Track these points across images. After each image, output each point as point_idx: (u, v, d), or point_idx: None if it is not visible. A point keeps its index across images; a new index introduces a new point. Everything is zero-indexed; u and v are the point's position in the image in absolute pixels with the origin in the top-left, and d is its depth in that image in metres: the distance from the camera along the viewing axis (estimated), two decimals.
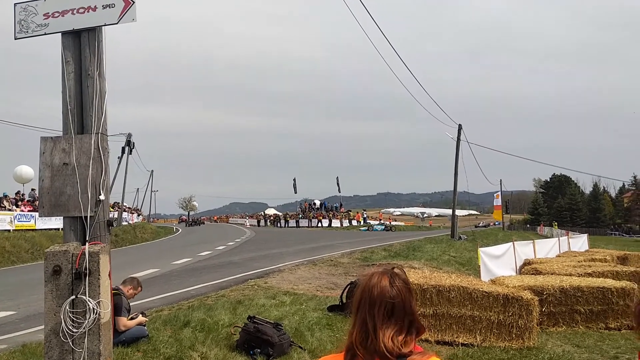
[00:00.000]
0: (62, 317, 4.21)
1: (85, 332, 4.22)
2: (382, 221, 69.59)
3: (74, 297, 4.25)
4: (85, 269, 4.25)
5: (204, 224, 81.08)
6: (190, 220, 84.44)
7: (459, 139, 37.43)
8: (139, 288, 7.06)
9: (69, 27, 4.66)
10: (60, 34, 4.70)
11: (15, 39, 4.78)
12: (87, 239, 4.45)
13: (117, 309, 6.23)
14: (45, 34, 4.73)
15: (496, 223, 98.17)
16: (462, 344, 8.59)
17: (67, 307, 4.23)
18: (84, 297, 4.24)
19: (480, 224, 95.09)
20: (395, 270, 1.95)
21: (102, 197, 4.54)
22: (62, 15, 4.66)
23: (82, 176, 4.51)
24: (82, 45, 4.70)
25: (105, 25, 4.65)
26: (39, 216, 6.82)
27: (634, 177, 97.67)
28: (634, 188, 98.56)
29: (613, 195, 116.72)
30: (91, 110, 4.61)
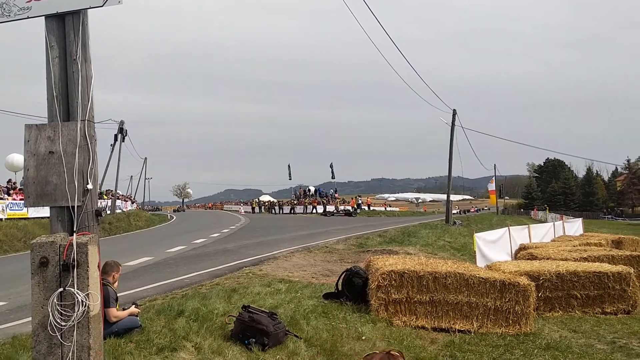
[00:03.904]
0: (50, 310, 4.08)
1: (74, 325, 4.10)
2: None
3: (62, 289, 4.12)
4: (73, 260, 4.12)
5: (159, 210, 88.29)
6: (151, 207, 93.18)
7: (453, 124, 37.31)
8: (119, 267, 6.86)
9: (53, 11, 4.47)
10: (43, 17, 4.52)
11: None
12: (74, 229, 4.31)
13: (106, 301, 6.10)
14: (28, 17, 4.54)
15: (482, 209, 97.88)
16: (459, 331, 8.54)
17: (55, 300, 4.10)
18: (72, 289, 4.11)
19: (472, 210, 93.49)
20: (393, 352, 1.86)
21: (89, 186, 4.39)
22: None
23: (69, 165, 4.36)
24: (66, 29, 4.51)
25: (90, 7, 4.46)
26: (25, 206, 6.60)
27: (627, 160, 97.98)
28: (626, 171, 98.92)
29: (606, 179, 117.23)
30: (77, 96, 4.44)
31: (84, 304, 4.12)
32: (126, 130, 44.05)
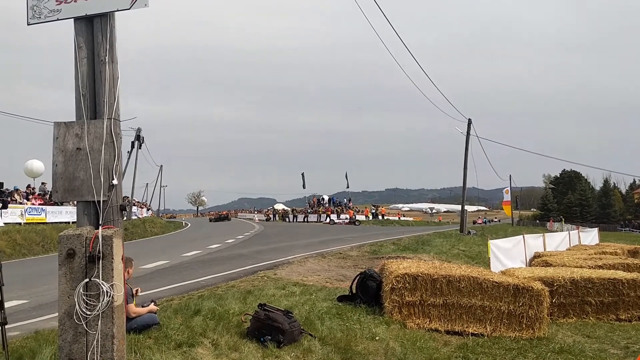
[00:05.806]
0: (76, 300, 4.25)
1: (99, 314, 4.26)
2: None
3: (87, 280, 4.29)
4: (99, 252, 4.29)
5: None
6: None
7: (468, 134, 37.30)
8: (132, 263, 6.95)
9: (82, 13, 4.67)
10: (72, 19, 4.72)
11: (27, 24, 4.81)
12: (100, 223, 4.48)
13: None
14: (57, 19, 4.75)
15: (492, 220, 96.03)
16: (472, 334, 8.58)
17: (81, 290, 4.27)
18: (98, 280, 4.27)
19: (479, 221, 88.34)
20: None
21: (115, 181, 4.57)
22: (75, 1, 4.68)
23: (95, 161, 4.55)
24: (94, 31, 4.71)
25: (117, 10, 4.65)
26: (53, 200, 6.76)
27: None
28: None
29: (624, 191, 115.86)
30: (104, 95, 4.63)
31: (109, 294, 4.28)
32: (143, 138, 44.55)
